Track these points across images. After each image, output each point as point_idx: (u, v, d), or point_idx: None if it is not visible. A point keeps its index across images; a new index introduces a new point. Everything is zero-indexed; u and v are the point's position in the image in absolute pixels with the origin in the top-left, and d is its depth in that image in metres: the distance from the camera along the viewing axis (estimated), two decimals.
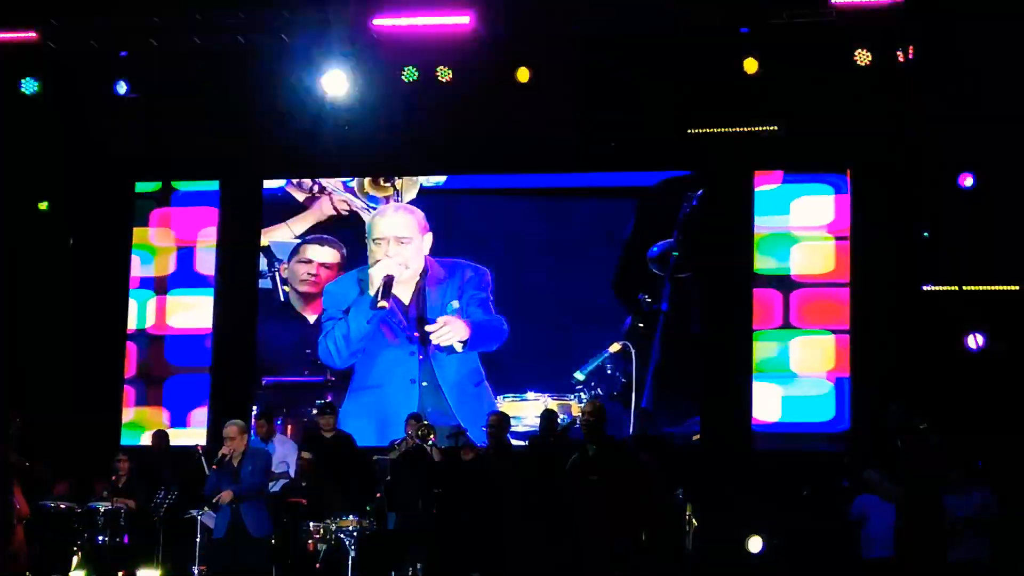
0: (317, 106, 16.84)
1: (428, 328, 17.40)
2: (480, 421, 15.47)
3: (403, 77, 16.34)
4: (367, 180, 18.20)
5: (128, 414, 18.19)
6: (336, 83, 16.45)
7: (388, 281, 17.43)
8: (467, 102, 16.70)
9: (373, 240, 17.81)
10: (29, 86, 16.86)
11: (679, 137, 17.03)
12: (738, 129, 16.86)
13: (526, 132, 17.10)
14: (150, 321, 18.44)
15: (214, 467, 12.91)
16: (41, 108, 17.03)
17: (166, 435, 16.65)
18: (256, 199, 18.43)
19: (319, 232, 18.28)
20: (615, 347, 17.23)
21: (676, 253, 17.23)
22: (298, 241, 18.28)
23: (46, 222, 18.21)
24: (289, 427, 17.60)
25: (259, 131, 17.63)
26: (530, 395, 17.35)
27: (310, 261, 18.25)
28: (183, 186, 18.50)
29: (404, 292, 17.69)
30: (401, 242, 17.72)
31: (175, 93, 17.09)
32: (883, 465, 13.51)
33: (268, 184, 18.48)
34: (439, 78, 16.30)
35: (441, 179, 18.04)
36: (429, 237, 17.77)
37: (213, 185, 18.46)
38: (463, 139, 17.46)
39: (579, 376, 17.24)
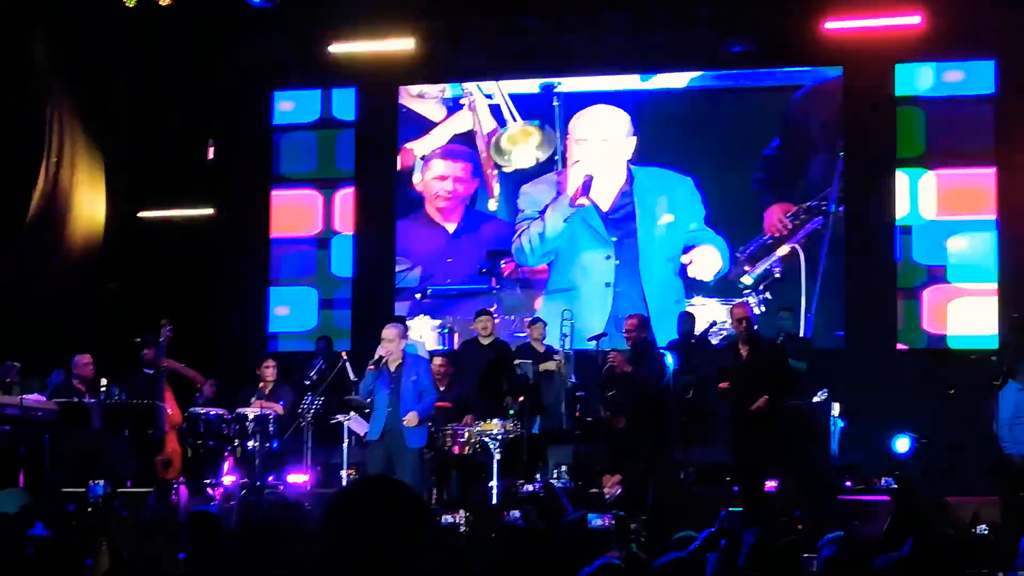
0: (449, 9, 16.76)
1: (683, 259, 17.02)
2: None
3: None
4: None
5: None
6: None
7: (588, 180, 17.25)
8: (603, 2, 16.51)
9: (574, 140, 17.55)
10: None
11: (819, 32, 16.63)
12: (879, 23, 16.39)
13: (669, 31, 16.89)
14: None
15: (371, 367, 12.87)
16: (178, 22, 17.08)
17: (330, 341, 16.84)
18: (393, 105, 18.37)
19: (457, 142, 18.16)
20: (783, 250, 16.95)
21: (843, 153, 16.92)
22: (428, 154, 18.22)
23: (184, 135, 18.31)
24: (455, 335, 17.57)
25: (394, 36, 17.57)
26: (697, 300, 17.08)
27: (443, 177, 18.14)
28: None
29: (604, 196, 17.44)
30: (604, 142, 17.47)
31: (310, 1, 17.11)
32: None
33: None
34: None
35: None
36: (633, 141, 17.42)
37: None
38: (600, 41, 17.21)
39: (747, 280, 17.01)
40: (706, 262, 17.06)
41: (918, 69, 16.72)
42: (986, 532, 10.88)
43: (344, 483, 13.76)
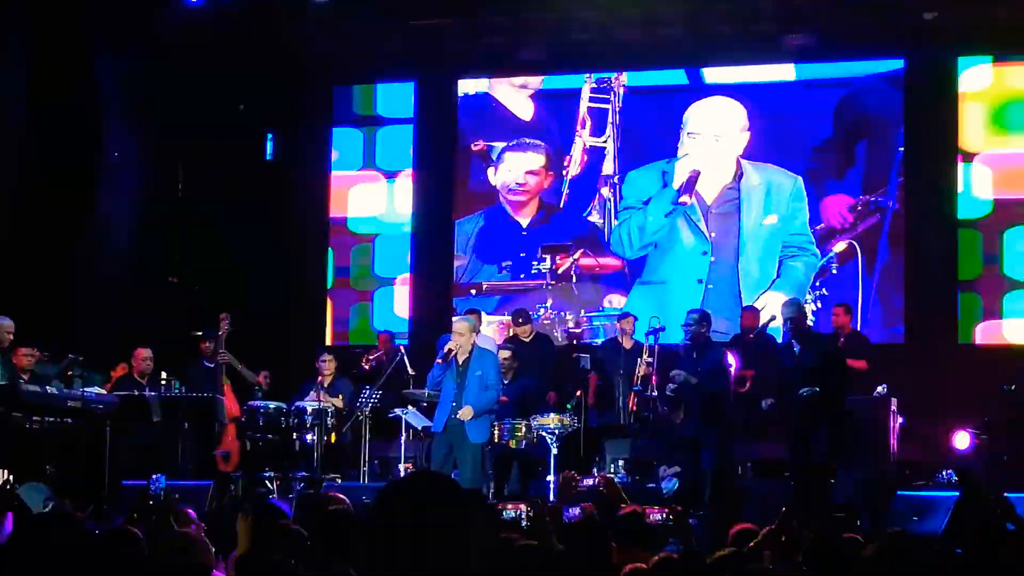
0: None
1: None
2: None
3: None
4: None
5: None
6: None
7: (694, 176, 17.01)
8: None
9: (688, 132, 17.30)
10: None
11: (880, 24, 16.47)
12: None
13: (727, 24, 16.82)
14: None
15: (439, 360, 12.95)
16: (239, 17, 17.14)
17: (393, 336, 16.86)
18: (452, 99, 18.34)
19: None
20: (840, 246, 16.77)
21: (903, 148, 16.74)
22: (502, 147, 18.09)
23: (245, 126, 18.35)
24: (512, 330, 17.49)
25: (454, 30, 17.55)
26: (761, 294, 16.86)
27: (516, 171, 17.99)
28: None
29: (709, 190, 17.17)
30: (717, 139, 17.19)
31: None
32: None
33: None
34: None
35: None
36: (747, 136, 17.12)
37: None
38: (655, 34, 17.13)
39: None
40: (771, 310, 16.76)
41: (981, 62, 16.52)
42: None
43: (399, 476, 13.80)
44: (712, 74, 17.44)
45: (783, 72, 17.26)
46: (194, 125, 17.78)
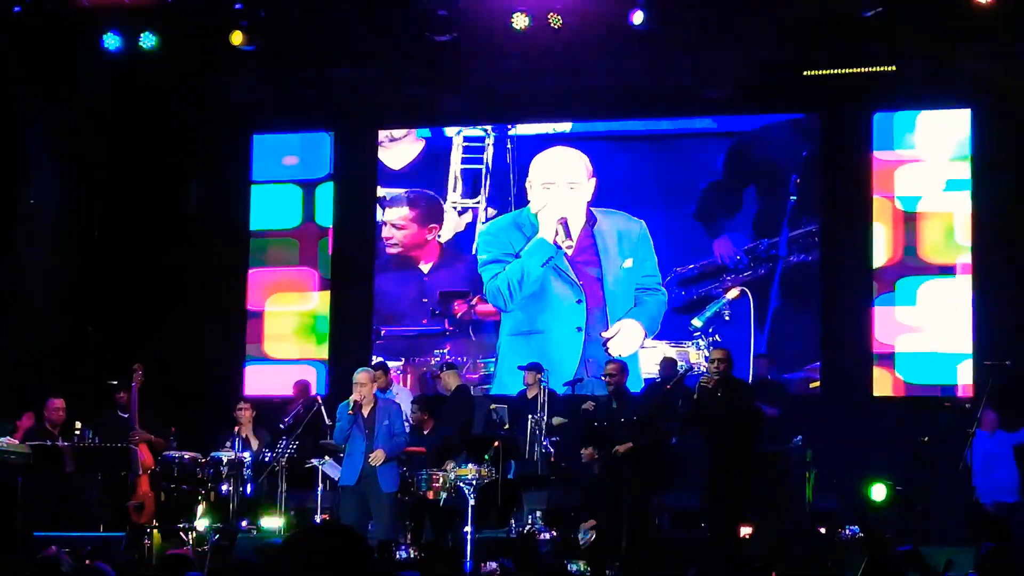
0: (431, 53, 16.76)
1: (605, 335, 16.91)
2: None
3: (513, 24, 16.13)
4: None
5: None
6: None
7: (564, 223, 17.04)
8: (580, 48, 16.50)
9: (541, 184, 17.39)
10: (147, 41, 16.85)
11: (796, 79, 16.65)
12: (855, 70, 16.42)
13: (641, 77, 16.92)
14: None
15: (350, 412, 12.96)
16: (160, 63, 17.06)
17: (308, 385, 16.81)
18: (372, 149, 18.31)
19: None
20: (733, 293, 16.91)
21: (794, 197, 16.92)
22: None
23: (167, 175, 18.25)
24: (409, 377, 17.55)
25: (374, 80, 17.56)
26: (647, 342, 17.03)
27: (386, 223, 18.10)
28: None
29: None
30: (572, 187, 17.29)
31: (291, 43, 17.08)
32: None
33: None
34: (551, 24, 16.07)
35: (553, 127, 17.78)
36: (593, 183, 17.33)
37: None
38: (576, 86, 17.24)
39: (697, 323, 16.92)
40: (628, 339, 17.00)
41: (894, 120, 16.71)
42: None
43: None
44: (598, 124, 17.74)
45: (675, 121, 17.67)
46: (115, 170, 17.73)
